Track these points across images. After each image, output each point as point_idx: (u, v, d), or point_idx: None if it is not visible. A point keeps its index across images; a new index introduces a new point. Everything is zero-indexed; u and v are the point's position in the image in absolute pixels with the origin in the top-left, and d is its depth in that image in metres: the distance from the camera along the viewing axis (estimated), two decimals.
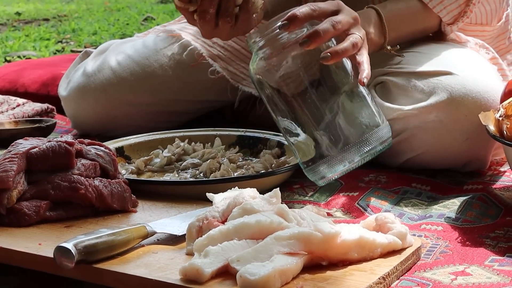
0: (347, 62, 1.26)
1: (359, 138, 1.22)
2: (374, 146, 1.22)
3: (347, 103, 1.24)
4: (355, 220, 1.24)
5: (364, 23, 1.38)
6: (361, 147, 1.22)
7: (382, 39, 1.46)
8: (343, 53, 1.23)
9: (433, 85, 1.42)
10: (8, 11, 5.72)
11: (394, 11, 1.49)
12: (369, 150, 1.22)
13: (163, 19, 4.92)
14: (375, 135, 1.23)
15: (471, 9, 1.54)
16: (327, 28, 1.23)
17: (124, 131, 1.72)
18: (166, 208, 1.20)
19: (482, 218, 1.24)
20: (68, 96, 1.79)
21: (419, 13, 1.53)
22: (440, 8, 1.52)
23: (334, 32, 1.24)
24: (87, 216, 1.16)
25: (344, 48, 1.23)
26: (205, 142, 1.55)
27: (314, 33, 1.22)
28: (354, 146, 1.22)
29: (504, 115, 1.23)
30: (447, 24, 1.55)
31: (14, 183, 1.12)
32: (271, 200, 1.06)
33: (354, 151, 1.22)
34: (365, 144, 1.22)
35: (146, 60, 1.76)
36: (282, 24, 1.23)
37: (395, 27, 1.47)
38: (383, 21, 1.45)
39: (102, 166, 1.21)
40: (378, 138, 1.23)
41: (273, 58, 1.23)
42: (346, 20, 1.27)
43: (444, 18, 1.54)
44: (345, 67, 1.25)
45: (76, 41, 3.98)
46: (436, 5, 1.52)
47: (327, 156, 1.22)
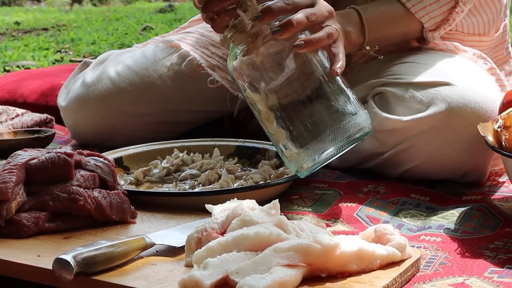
0: (323, 53, 1.26)
1: (335, 126, 1.21)
2: (351, 133, 1.22)
3: (323, 93, 1.24)
4: (354, 231, 1.24)
5: (344, 22, 1.38)
6: (338, 135, 1.21)
7: (361, 39, 1.46)
8: (317, 42, 1.23)
9: (431, 96, 1.42)
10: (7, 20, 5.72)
11: (375, 12, 1.50)
12: (347, 137, 1.21)
13: (161, 28, 4.92)
14: (352, 122, 1.22)
15: (454, 17, 1.55)
16: (301, 19, 1.23)
17: (123, 141, 1.73)
18: (165, 219, 1.20)
19: (481, 229, 1.24)
20: (67, 106, 1.79)
21: (401, 17, 1.53)
22: (422, 14, 1.53)
23: (307, 23, 1.24)
24: (86, 227, 1.16)
25: (318, 38, 1.23)
26: (204, 152, 1.55)
27: (287, 22, 1.22)
28: (331, 134, 1.21)
29: (503, 126, 1.24)
30: (429, 30, 1.55)
31: (13, 194, 1.12)
32: (270, 211, 1.05)
33: (331, 139, 1.21)
34: (342, 131, 1.21)
35: (145, 70, 1.76)
36: (256, 16, 1.23)
37: (375, 28, 1.48)
38: (363, 21, 1.46)
39: (101, 177, 1.21)
40: (356, 125, 1.22)
41: (248, 52, 1.24)
42: (320, 12, 1.28)
43: (426, 24, 1.54)
44: (321, 58, 1.25)
45: (75, 51, 3.98)
46: (418, 10, 1.53)
47: (305, 145, 1.22)
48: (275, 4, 1.25)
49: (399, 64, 1.54)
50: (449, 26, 1.56)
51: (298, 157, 1.22)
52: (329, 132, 1.21)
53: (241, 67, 1.24)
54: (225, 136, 1.68)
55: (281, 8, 1.25)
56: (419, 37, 1.58)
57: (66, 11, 6.94)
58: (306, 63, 1.24)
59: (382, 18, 1.51)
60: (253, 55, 1.23)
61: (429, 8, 1.53)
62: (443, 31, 1.57)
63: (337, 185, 1.45)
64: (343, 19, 1.40)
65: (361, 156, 1.52)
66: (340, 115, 1.22)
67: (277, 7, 1.25)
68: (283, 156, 1.25)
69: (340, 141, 1.21)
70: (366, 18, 1.46)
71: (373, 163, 1.51)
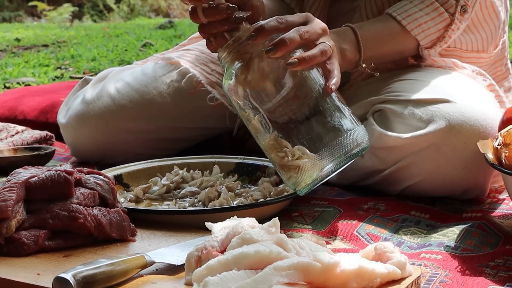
0: (318, 70, 1.26)
1: (332, 142, 1.21)
2: (349, 149, 1.22)
3: (319, 110, 1.24)
4: (354, 248, 1.24)
5: (339, 40, 1.39)
6: (336, 151, 1.21)
7: (357, 56, 1.46)
8: (310, 59, 1.23)
9: (431, 113, 1.43)
10: (8, 37, 5.74)
11: (371, 30, 1.50)
12: (345, 153, 1.22)
13: (161, 45, 4.93)
14: (349, 138, 1.22)
15: (450, 34, 1.55)
16: (293, 37, 1.24)
17: (123, 158, 1.73)
18: (165, 237, 1.20)
19: (482, 247, 1.24)
20: (67, 123, 1.79)
21: (397, 34, 1.54)
22: (418, 31, 1.54)
23: (300, 41, 1.25)
24: (86, 245, 1.16)
25: (312, 55, 1.24)
26: (204, 169, 1.55)
27: (280, 41, 1.23)
28: (328, 150, 1.21)
29: (503, 143, 1.24)
30: (425, 47, 1.56)
31: (13, 212, 1.12)
32: (270, 229, 1.05)
33: (329, 155, 1.21)
34: (339, 147, 1.21)
35: (145, 87, 1.77)
36: (249, 36, 1.24)
37: (371, 46, 1.48)
38: (359, 39, 1.46)
39: (101, 195, 1.21)
40: (353, 141, 1.23)
41: (242, 71, 1.24)
42: (313, 30, 1.28)
43: (422, 41, 1.55)
44: (316, 75, 1.26)
45: (75, 67, 3.98)
46: (414, 28, 1.53)
47: (302, 162, 1.22)
48: (267, 23, 1.25)
49: (399, 81, 1.54)
50: (445, 44, 1.57)
51: (296, 174, 1.22)
52: (326, 149, 1.21)
53: (236, 86, 1.25)
54: (225, 153, 1.69)
55: (274, 27, 1.26)
56: (416, 55, 1.58)
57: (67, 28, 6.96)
58: (301, 81, 1.24)
59: (378, 35, 1.51)
60: (248, 74, 1.24)
61: (425, 25, 1.53)
62: (439, 49, 1.57)
63: (337, 202, 1.45)
64: (338, 37, 1.40)
65: (361, 173, 1.52)
66: (336, 131, 1.22)
67: (270, 26, 1.25)
68: (281, 173, 1.25)
69: (338, 157, 1.21)
70: (361, 36, 1.46)
71: (373, 180, 1.51)
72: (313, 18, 1.31)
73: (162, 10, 9.71)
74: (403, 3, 1.55)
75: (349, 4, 1.69)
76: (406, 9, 1.53)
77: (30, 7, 9.55)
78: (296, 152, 1.22)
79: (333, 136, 1.22)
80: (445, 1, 1.54)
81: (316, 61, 1.24)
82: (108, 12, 9.47)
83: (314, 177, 1.22)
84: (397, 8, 1.54)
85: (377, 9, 1.61)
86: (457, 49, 1.65)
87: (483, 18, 1.67)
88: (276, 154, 1.24)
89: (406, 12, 1.53)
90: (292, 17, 1.29)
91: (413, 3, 1.54)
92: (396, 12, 1.53)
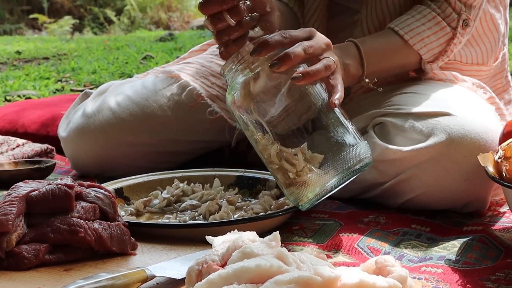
0: (321, 85, 1.26)
1: (335, 157, 1.22)
2: (351, 164, 1.22)
3: (323, 125, 1.24)
4: (354, 262, 1.24)
5: (342, 55, 1.39)
6: (338, 167, 1.21)
7: (360, 71, 1.47)
8: (315, 74, 1.24)
9: (431, 126, 1.43)
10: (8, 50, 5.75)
11: (373, 45, 1.51)
12: (347, 168, 1.22)
13: (161, 57, 4.94)
14: (352, 153, 1.22)
15: (452, 48, 1.56)
16: (298, 51, 1.24)
17: (123, 171, 1.73)
18: (166, 251, 1.20)
19: (483, 260, 1.23)
20: (68, 137, 1.79)
21: (399, 49, 1.54)
22: (420, 46, 1.54)
23: (305, 56, 1.25)
24: (87, 259, 1.16)
25: (316, 70, 1.24)
26: (204, 182, 1.55)
27: (284, 56, 1.23)
28: (332, 166, 1.21)
29: (503, 157, 1.24)
30: (427, 62, 1.56)
31: (14, 226, 1.12)
32: (270, 243, 1.05)
33: (332, 170, 1.21)
34: (342, 163, 1.21)
35: (145, 100, 1.77)
36: (253, 50, 1.24)
37: (374, 61, 1.49)
38: (362, 54, 1.47)
39: (102, 208, 1.21)
40: (356, 156, 1.23)
41: (246, 85, 1.24)
42: (318, 45, 1.28)
43: (424, 55, 1.55)
44: (319, 90, 1.26)
45: (75, 80, 3.99)
46: (416, 42, 1.54)
47: (305, 177, 1.22)
48: (272, 37, 1.26)
49: (399, 94, 1.55)
50: (447, 58, 1.57)
51: (299, 189, 1.22)
52: (329, 164, 1.21)
53: (239, 100, 1.25)
54: (225, 166, 1.69)
55: (278, 42, 1.26)
56: (417, 69, 1.59)
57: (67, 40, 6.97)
58: (304, 95, 1.24)
59: (381, 50, 1.51)
60: (251, 88, 1.24)
61: (427, 40, 1.54)
62: (441, 63, 1.58)
63: (337, 215, 1.45)
64: (341, 52, 1.40)
65: (361, 186, 1.52)
66: (339, 146, 1.22)
67: (274, 41, 1.25)
68: (283, 188, 1.25)
69: (340, 172, 1.21)
70: (364, 51, 1.47)
71: (373, 193, 1.51)
72: (317, 33, 1.31)
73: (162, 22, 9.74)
74: (405, 17, 1.55)
75: (349, 18, 1.69)
76: (408, 24, 1.54)
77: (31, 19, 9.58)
78: (301, 166, 1.22)
79: (336, 151, 1.22)
80: (447, 15, 1.55)
81: (320, 76, 1.25)
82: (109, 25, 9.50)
83: (316, 192, 1.22)
84: (399, 23, 1.54)
85: (379, 23, 1.61)
86: (457, 62, 1.65)
87: (482, 31, 1.67)
88: (279, 168, 1.24)
89: (408, 27, 1.53)
90: (296, 31, 1.29)
91: (415, 18, 1.54)
92: (398, 26, 1.54)
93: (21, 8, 9.77)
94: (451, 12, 1.55)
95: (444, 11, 1.55)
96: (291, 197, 1.24)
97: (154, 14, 9.83)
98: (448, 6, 1.55)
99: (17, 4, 9.77)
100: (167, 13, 9.89)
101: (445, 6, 1.55)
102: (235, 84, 1.25)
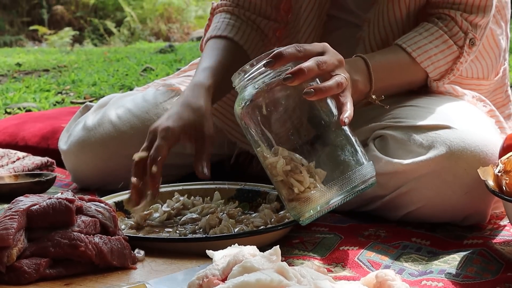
0: (331, 102, 1.27)
1: (341, 176, 1.22)
2: (356, 184, 1.23)
3: (331, 141, 1.24)
4: (355, 276, 1.24)
5: (351, 71, 1.39)
6: (343, 185, 1.22)
7: (368, 87, 1.47)
8: (327, 91, 1.24)
9: (431, 139, 1.43)
10: (9, 62, 5.76)
11: (382, 61, 1.51)
12: (351, 188, 1.22)
13: (162, 69, 4.95)
14: (357, 173, 1.23)
15: (458, 67, 1.56)
16: (312, 66, 1.24)
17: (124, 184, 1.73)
18: (166, 265, 1.20)
19: (483, 274, 1.23)
20: (68, 150, 1.79)
21: (407, 66, 1.54)
22: (427, 63, 1.54)
23: (318, 72, 1.25)
24: (87, 273, 1.16)
25: (328, 86, 1.24)
26: (205, 195, 1.55)
27: (298, 70, 1.23)
28: (336, 184, 1.22)
29: (503, 170, 1.24)
30: (434, 80, 1.56)
31: (14, 240, 1.12)
32: (271, 257, 1.05)
33: (336, 189, 1.22)
34: (347, 182, 1.22)
35: (146, 114, 1.77)
36: (267, 62, 1.24)
37: (382, 77, 1.49)
38: (370, 70, 1.47)
39: (102, 222, 1.21)
40: (361, 177, 1.23)
41: (257, 98, 1.24)
42: (331, 61, 1.28)
43: (431, 73, 1.55)
44: (329, 107, 1.26)
45: (76, 92, 4.00)
46: (424, 60, 1.54)
47: (309, 194, 1.22)
48: (286, 50, 1.25)
49: (399, 107, 1.55)
50: (453, 76, 1.57)
51: (302, 205, 1.22)
52: (334, 182, 1.21)
53: (248, 112, 1.25)
54: (226, 179, 1.69)
55: (292, 55, 1.26)
56: (423, 86, 1.59)
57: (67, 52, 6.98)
58: (313, 112, 1.24)
59: (389, 66, 1.52)
60: (261, 100, 1.24)
61: (434, 58, 1.54)
62: (447, 81, 1.58)
63: (338, 228, 1.45)
64: (350, 67, 1.40)
65: (361, 199, 1.52)
66: (346, 165, 1.23)
67: (288, 53, 1.25)
68: (285, 203, 1.25)
69: (345, 191, 1.22)
70: (373, 67, 1.47)
71: (373, 206, 1.51)
72: (330, 48, 1.32)
73: (162, 34, 9.76)
74: (412, 34, 1.55)
75: (349, 32, 1.69)
76: (415, 41, 1.54)
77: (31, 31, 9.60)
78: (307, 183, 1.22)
79: (343, 169, 1.22)
80: (454, 34, 1.55)
81: (332, 93, 1.25)
82: (109, 36, 9.51)
83: (318, 209, 1.23)
84: (407, 40, 1.54)
85: (381, 41, 1.61)
86: (457, 76, 1.65)
87: (483, 46, 1.68)
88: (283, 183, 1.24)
89: (416, 44, 1.54)
90: (310, 46, 1.30)
91: (423, 35, 1.55)
92: (406, 43, 1.54)
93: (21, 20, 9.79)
94: (458, 31, 1.55)
95: (451, 30, 1.56)
96: (292, 212, 1.24)
97: (154, 25, 9.85)
98: (455, 24, 1.56)
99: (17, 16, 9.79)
100: (167, 25, 9.91)
101: (452, 25, 1.56)
102: (245, 95, 1.25)
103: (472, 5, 1.56)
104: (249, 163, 1.85)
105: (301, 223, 1.26)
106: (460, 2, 1.56)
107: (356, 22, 1.69)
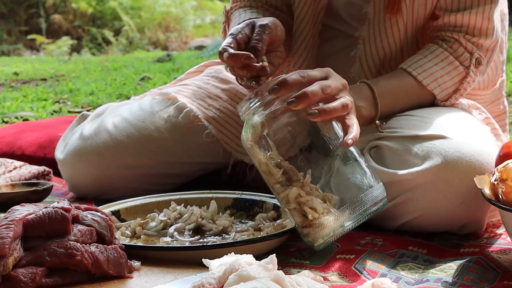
0: (337, 125, 1.27)
1: (353, 199, 1.23)
2: (368, 206, 1.23)
3: (340, 165, 1.25)
4: (351, 284, 1.24)
5: (355, 97, 1.39)
6: (356, 208, 1.22)
7: (373, 113, 1.48)
8: (331, 112, 1.24)
9: (427, 149, 1.43)
10: (6, 71, 5.77)
11: (387, 86, 1.51)
12: (364, 211, 1.23)
13: (159, 78, 4.95)
14: (369, 195, 1.24)
15: (465, 87, 1.56)
16: (316, 91, 1.25)
17: (120, 193, 1.73)
18: (162, 274, 1.20)
19: (480, 282, 1.23)
20: (65, 159, 1.79)
21: (413, 90, 1.55)
22: (434, 86, 1.55)
23: (322, 95, 1.26)
24: (83, 282, 1.16)
25: (332, 107, 1.25)
26: (201, 204, 1.55)
27: (302, 94, 1.24)
28: (349, 208, 1.22)
29: (499, 179, 1.24)
30: (441, 101, 1.57)
31: (10, 250, 1.12)
32: (267, 266, 1.05)
33: (349, 212, 1.22)
34: (359, 205, 1.22)
35: (142, 122, 1.77)
36: (272, 89, 1.25)
37: (387, 102, 1.49)
38: (376, 96, 1.47)
39: (99, 231, 1.21)
40: (373, 199, 1.24)
41: (264, 126, 1.25)
42: (335, 85, 1.29)
43: (438, 95, 1.56)
44: (335, 130, 1.26)
45: (73, 101, 4.00)
46: (430, 83, 1.54)
47: (323, 219, 1.22)
48: (290, 76, 1.27)
49: (394, 117, 1.55)
50: (461, 96, 1.58)
51: (314, 230, 1.23)
52: (346, 206, 1.22)
53: (256, 139, 1.25)
54: (222, 188, 1.69)
55: (297, 81, 1.27)
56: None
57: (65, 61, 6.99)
58: (319, 135, 1.25)
59: (394, 92, 1.52)
60: (268, 127, 1.25)
61: (441, 80, 1.54)
62: (454, 101, 1.58)
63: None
64: (354, 94, 1.40)
65: None
66: (357, 189, 1.23)
67: (293, 80, 1.26)
68: (299, 230, 1.26)
69: (358, 214, 1.23)
70: (378, 92, 1.47)
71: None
72: (334, 73, 1.33)
73: (160, 43, 9.78)
74: (417, 57, 1.56)
75: (343, 42, 1.69)
76: (421, 64, 1.54)
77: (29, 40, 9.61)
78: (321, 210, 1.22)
79: (354, 193, 1.23)
80: (459, 55, 1.55)
81: (336, 114, 1.25)
82: (107, 45, 9.52)
83: (332, 234, 1.24)
84: (412, 63, 1.55)
85: (379, 60, 1.61)
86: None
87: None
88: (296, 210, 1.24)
89: (421, 67, 1.54)
90: (313, 71, 1.31)
91: (428, 58, 1.55)
92: (411, 67, 1.54)
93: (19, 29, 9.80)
94: (464, 51, 1.56)
95: (456, 51, 1.56)
96: (306, 238, 1.25)
97: (152, 34, 9.87)
98: (460, 45, 1.56)
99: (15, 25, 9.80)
100: (165, 34, 9.92)
101: (456, 46, 1.56)
102: (252, 123, 1.26)
103: (474, 28, 1.56)
104: (246, 173, 1.85)
105: (316, 249, 1.27)
106: (462, 25, 1.56)
107: (349, 33, 1.69)
